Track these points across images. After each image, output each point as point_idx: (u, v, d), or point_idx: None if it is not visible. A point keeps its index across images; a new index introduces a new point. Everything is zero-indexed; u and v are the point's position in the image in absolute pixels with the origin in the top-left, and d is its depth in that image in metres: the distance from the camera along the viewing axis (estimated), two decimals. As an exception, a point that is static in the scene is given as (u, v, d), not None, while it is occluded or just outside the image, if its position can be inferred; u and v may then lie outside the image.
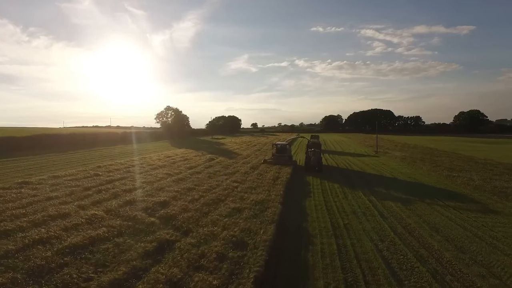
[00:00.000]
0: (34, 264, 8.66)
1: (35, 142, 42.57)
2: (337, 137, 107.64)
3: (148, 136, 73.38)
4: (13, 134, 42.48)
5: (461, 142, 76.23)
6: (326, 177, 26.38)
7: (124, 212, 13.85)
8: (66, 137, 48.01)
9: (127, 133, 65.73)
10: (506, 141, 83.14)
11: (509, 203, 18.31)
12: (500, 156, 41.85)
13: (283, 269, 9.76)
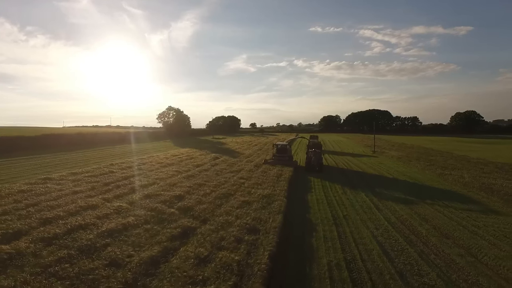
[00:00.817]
0: (82, 244, 10.25)
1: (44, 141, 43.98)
2: (336, 137, 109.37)
3: (150, 135, 74.79)
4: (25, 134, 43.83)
5: (457, 142, 78.04)
6: (326, 175, 28.01)
7: (146, 204, 15.40)
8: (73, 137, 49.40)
9: (130, 133, 67.12)
10: (501, 141, 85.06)
11: (494, 197, 20.01)
12: (493, 156, 43.54)
13: (292, 250, 11.36)
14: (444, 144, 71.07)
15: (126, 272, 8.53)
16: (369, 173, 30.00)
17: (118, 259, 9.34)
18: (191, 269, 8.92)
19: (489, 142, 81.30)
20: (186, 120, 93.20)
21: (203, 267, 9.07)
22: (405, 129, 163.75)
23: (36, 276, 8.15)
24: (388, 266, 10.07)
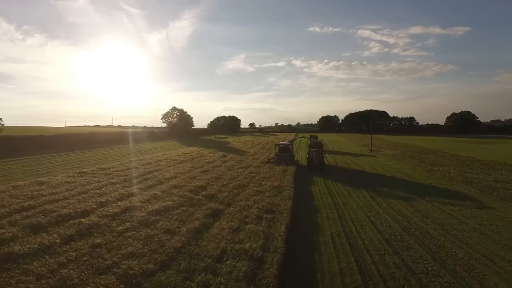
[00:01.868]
0: (139, 219, 13.13)
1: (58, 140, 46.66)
2: (334, 137, 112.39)
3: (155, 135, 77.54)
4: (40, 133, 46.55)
5: (451, 142, 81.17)
6: (326, 172, 30.93)
7: (176, 193, 18.29)
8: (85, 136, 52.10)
9: (137, 132, 69.90)
10: (493, 141, 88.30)
11: (473, 189, 23.01)
12: (482, 154, 46.53)
13: (301, 226, 14.28)
14: (438, 143, 74.15)
15: (180, 237, 11.41)
16: (366, 170, 32.94)
17: (171, 229, 12.22)
18: (228, 235, 11.84)
19: (482, 142, 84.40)
20: (189, 120, 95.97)
21: (237, 234, 11.99)
22: (402, 129, 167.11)
23: (117, 238, 11.04)
24: (377, 236, 13.02)
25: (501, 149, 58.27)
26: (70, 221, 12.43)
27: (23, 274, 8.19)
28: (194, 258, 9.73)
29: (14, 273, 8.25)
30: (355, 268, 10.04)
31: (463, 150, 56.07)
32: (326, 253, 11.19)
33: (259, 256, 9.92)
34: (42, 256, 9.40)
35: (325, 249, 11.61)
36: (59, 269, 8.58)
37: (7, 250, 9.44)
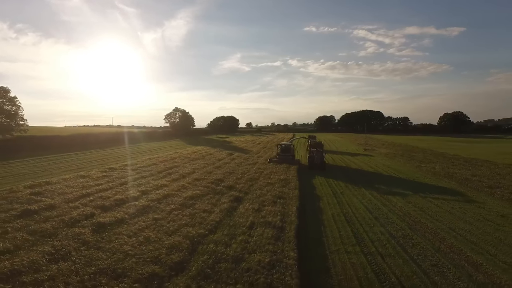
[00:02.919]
0: (179, 203, 16.47)
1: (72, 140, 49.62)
2: (331, 136, 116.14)
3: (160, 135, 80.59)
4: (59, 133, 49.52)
5: (442, 141, 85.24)
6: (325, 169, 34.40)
7: (200, 184, 21.62)
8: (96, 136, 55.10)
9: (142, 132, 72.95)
10: (482, 141, 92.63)
11: (453, 181, 26.61)
12: (468, 153, 50.33)
13: (308, 208, 17.70)
14: (429, 143, 78.11)
15: (216, 214, 14.77)
16: (361, 167, 36.49)
17: (207, 209, 15.59)
18: (252, 213, 15.22)
19: (472, 141, 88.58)
20: (191, 120, 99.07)
21: (259, 212, 15.38)
22: (396, 129, 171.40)
23: (169, 214, 14.38)
24: (368, 215, 16.49)
25: (487, 148, 62.29)
26: (127, 204, 15.78)
27: (117, 234, 11.55)
28: (232, 227, 13.12)
29: (107, 235, 11.59)
30: (351, 234, 13.51)
31: (452, 149, 59.92)
32: (329, 226, 14.65)
33: (280, 226, 13.35)
34: (120, 225, 12.74)
35: (328, 223, 15.08)
36: (138, 232, 11.92)
37: (95, 221, 12.77)
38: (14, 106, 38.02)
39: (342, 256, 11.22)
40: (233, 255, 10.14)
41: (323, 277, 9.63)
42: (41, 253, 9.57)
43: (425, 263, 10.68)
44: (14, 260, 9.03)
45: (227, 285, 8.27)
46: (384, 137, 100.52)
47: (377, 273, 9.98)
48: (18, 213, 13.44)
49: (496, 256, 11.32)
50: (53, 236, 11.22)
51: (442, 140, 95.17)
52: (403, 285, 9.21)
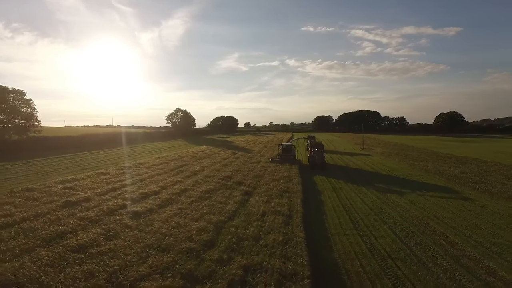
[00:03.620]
0: (197, 196, 18.58)
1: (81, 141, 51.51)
2: (329, 136, 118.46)
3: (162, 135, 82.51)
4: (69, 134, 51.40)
5: (437, 141, 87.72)
6: (324, 165, 36.61)
7: (211, 180, 23.72)
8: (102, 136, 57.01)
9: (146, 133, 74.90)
10: (476, 140, 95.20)
11: (442, 178, 28.88)
12: (461, 152, 52.74)
13: (310, 201, 19.86)
14: (424, 142, 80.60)
15: (231, 205, 16.88)
16: (359, 166, 38.75)
17: (222, 201, 17.71)
18: (263, 204, 17.35)
19: (466, 141, 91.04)
20: (192, 121, 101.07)
21: (268, 203, 17.51)
22: (393, 128, 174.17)
23: (190, 205, 16.49)
24: (364, 206, 18.68)
25: (480, 147, 64.73)
26: (151, 196, 17.89)
27: (151, 220, 13.67)
28: (246, 215, 15.26)
29: (144, 221, 13.69)
30: (349, 221, 15.69)
31: (445, 148, 62.34)
32: (330, 214, 16.84)
33: (288, 214, 15.51)
34: (152, 214, 14.85)
35: (329, 212, 17.27)
36: (169, 219, 14.02)
37: (129, 210, 14.88)
38: (29, 108, 39.95)
39: (342, 237, 13.40)
40: (252, 235, 12.29)
41: (327, 252, 11.80)
42: (96, 234, 11.67)
43: (411, 242, 12.88)
44: (76, 238, 11.13)
45: (251, 255, 10.39)
46: (380, 137, 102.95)
47: (371, 249, 12.16)
48: (61, 203, 15.49)
49: (470, 237, 13.54)
50: (98, 221, 13.31)
51: (437, 139, 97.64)
52: (391, 257, 11.39)
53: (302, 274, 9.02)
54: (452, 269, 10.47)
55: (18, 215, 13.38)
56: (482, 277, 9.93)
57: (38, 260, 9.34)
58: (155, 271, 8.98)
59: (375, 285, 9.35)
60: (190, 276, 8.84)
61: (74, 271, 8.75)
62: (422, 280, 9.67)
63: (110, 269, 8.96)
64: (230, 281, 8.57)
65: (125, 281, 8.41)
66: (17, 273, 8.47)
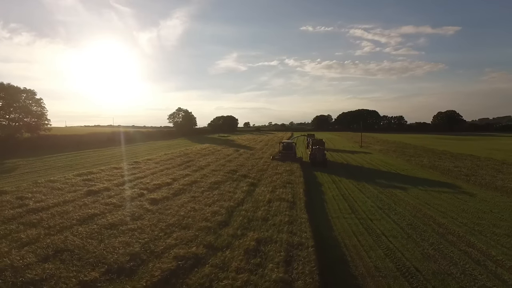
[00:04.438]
0: (206, 186, 20.06)
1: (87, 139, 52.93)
2: (328, 135, 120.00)
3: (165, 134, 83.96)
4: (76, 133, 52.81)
5: (434, 139, 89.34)
6: (324, 161, 38.11)
7: (218, 174, 25.18)
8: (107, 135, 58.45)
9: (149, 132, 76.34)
10: (473, 138, 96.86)
11: (436, 172, 30.44)
12: (457, 149, 54.30)
13: (312, 191, 21.35)
14: (422, 140, 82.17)
15: (239, 194, 18.36)
16: (355, 161, 40.30)
17: (230, 191, 19.18)
18: (268, 193, 18.84)
19: (463, 139, 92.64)
20: (193, 120, 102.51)
21: (273, 193, 19.00)
22: (391, 127, 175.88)
23: (201, 194, 17.97)
24: (362, 195, 20.19)
25: (476, 145, 66.28)
26: (165, 187, 19.37)
27: (169, 206, 15.16)
28: (254, 202, 16.74)
29: (162, 206, 15.17)
30: (348, 207, 17.21)
31: (442, 145, 63.89)
32: (330, 202, 18.36)
33: (292, 200, 17.01)
34: (168, 200, 16.32)
35: (329, 200, 18.78)
36: (185, 204, 15.49)
37: (148, 198, 16.36)
38: (39, 107, 41.38)
39: (341, 220, 14.91)
40: (261, 217, 13.79)
41: (328, 231, 13.30)
42: (122, 215, 13.15)
43: (403, 223, 14.39)
44: (106, 218, 12.62)
45: (262, 231, 11.88)
46: (379, 135, 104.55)
47: (367, 229, 13.66)
48: (84, 192, 16.96)
49: (456, 219, 15.06)
50: (121, 206, 14.78)
51: (435, 138, 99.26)
52: (385, 234, 12.89)
53: (307, 244, 10.51)
54: (437, 242, 11.98)
55: (49, 201, 14.85)
56: (462, 248, 11.45)
57: (78, 234, 10.82)
58: (180, 242, 10.46)
59: (370, 254, 10.84)
60: (211, 246, 10.32)
61: (111, 242, 10.22)
62: (410, 251, 11.17)
63: (142, 241, 10.44)
64: (246, 249, 10.04)
65: (156, 249, 9.89)
66: (65, 242, 9.95)
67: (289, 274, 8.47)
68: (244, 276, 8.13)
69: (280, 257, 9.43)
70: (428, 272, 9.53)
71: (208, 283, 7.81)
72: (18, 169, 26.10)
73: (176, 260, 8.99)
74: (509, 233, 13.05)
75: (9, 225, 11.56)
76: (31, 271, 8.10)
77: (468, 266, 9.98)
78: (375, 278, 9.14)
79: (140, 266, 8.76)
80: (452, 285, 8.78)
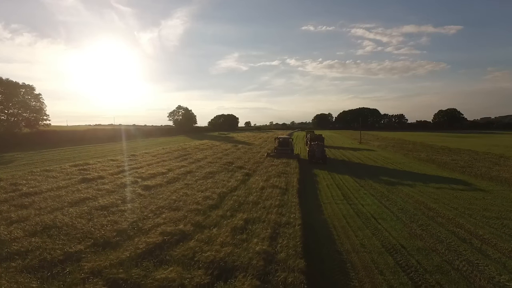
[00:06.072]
0: (201, 175, 20.15)
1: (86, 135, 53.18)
2: (329, 133, 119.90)
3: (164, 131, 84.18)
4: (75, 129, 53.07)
5: (434, 136, 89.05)
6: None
7: (214, 165, 25.28)
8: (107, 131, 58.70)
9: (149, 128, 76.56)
10: (473, 136, 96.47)
11: (434, 165, 30.42)
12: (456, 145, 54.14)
13: (307, 181, 21.41)
14: (422, 137, 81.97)
15: (233, 182, 18.43)
16: (353, 155, 40.31)
17: (224, 179, 19.26)
18: (262, 182, 18.89)
19: (464, 136, 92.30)
20: (193, 118, 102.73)
21: (267, 181, 19.05)
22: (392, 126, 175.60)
23: (195, 182, 18.06)
24: (356, 185, 20.23)
25: (476, 142, 66.13)
26: (159, 176, 19.47)
27: (162, 191, 15.26)
28: (247, 189, 16.82)
29: (155, 192, 15.27)
30: (341, 195, 17.26)
31: (441, 142, 63.78)
32: (323, 190, 18.42)
33: (285, 187, 17.08)
34: (161, 187, 16.42)
35: (322, 189, 18.84)
36: (177, 190, 15.59)
37: (141, 184, 16.46)
38: (38, 102, 41.61)
39: (332, 205, 14.98)
40: (252, 201, 13.87)
41: (318, 214, 13.37)
42: (114, 199, 13.27)
43: (394, 208, 14.44)
44: (98, 201, 12.73)
45: (251, 213, 11.96)
46: (379, 133, 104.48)
47: (357, 212, 13.72)
48: (79, 180, 17.11)
49: (448, 205, 15.08)
50: (114, 192, 14.89)
51: (435, 135, 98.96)
52: (374, 217, 12.95)
53: (294, 223, 10.59)
54: (426, 224, 12.03)
55: (43, 187, 15.00)
56: (450, 228, 11.49)
57: (68, 214, 10.94)
58: (169, 221, 10.56)
59: (357, 234, 10.91)
60: (199, 225, 10.42)
61: (100, 221, 10.33)
62: (398, 231, 11.23)
63: (131, 220, 10.54)
64: (233, 227, 10.12)
65: (144, 226, 9.99)
66: (54, 220, 10.06)
67: (272, 247, 8.54)
68: (228, 249, 8.21)
69: (266, 234, 9.51)
70: (413, 248, 9.58)
71: (191, 255, 7.90)
72: (15, 161, 26.30)
73: (162, 236, 9.09)
74: (499, 216, 13.07)
75: (0, 207, 11.68)
76: (17, 244, 8.21)
77: (454, 243, 10.03)
78: (360, 253, 9.20)
79: (126, 241, 8.86)
80: (435, 259, 8.83)
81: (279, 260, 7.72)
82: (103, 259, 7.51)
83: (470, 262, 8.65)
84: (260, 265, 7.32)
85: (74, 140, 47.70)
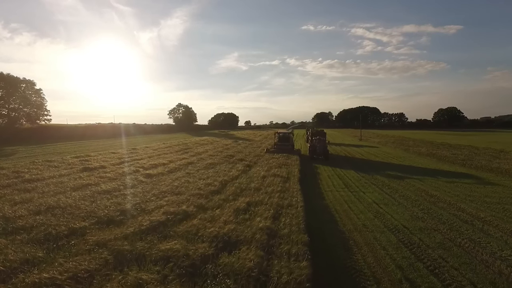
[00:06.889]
0: (202, 166, 20.20)
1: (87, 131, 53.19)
2: (329, 131, 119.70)
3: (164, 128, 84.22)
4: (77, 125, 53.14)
5: (434, 134, 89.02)
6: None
7: (215, 158, 25.31)
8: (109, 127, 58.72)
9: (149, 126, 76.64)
10: (473, 134, 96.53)
11: (433, 159, 30.47)
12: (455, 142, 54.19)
13: (307, 172, 21.46)
14: (421, 135, 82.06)
15: (234, 172, 18.47)
16: (354, 150, 40.38)
17: (226, 169, 19.30)
18: (263, 171, 18.92)
19: (463, 134, 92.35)
20: (193, 116, 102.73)
21: (268, 171, 19.09)
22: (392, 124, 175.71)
23: (197, 171, 18.10)
24: (357, 175, 20.27)
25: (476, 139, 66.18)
26: (160, 166, 19.51)
27: (164, 179, 15.30)
28: (249, 178, 16.84)
29: (157, 179, 15.31)
30: (342, 183, 17.31)
31: (441, 139, 63.84)
32: (325, 180, 18.47)
33: (286, 176, 17.12)
34: (163, 176, 16.47)
35: (324, 179, 18.89)
36: (179, 178, 15.63)
37: (143, 173, 16.50)
38: (39, 97, 41.63)
39: (334, 192, 15.03)
40: (254, 187, 13.91)
41: (319, 200, 13.43)
42: (117, 185, 13.32)
43: (396, 195, 14.49)
44: (100, 187, 12.78)
45: (253, 197, 12.00)
46: (379, 131, 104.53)
47: (358, 198, 13.77)
48: (81, 169, 17.17)
49: (449, 192, 15.13)
50: (116, 179, 14.95)
51: (435, 133, 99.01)
52: (376, 203, 12.99)
53: (297, 205, 10.65)
54: (427, 208, 12.08)
55: (45, 174, 15.08)
56: (452, 212, 11.54)
57: (71, 197, 10.98)
58: (172, 203, 10.60)
59: (359, 216, 10.96)
60: (202, 207, 10.47)
61: (103, 202, 10.38)
62: (400, 214, 11.28)
63: (134, 202, 10.59)
64: (236, 209, 10.16)
65: (147, 208, 10.03)
66: (58, 202, 10.11)
67: (276, 225, 8.59)
68: (231, 226, 8.25)
69: (268, 214, 9.55)
70: (415, 228, 9.64)
71: (195, 231, 7.94)
72: (17, 154, 26.36)
73: (165, 215, 9.14)
74: (500, 202, 13.13)
75: (3, 191, 11.74)
76: (22, 220, 8.25)
77: (456, 224, 10.08)
78: (362, 232, 9.26)
79: (129, 219, 8.90)
80: (437, 237, 8.88)
81: (282, 235, 7.78)
82: (108, 233, 7.56)
83: (472, 240, 8.70)
84: (264, 239, 7.37)
85: (75, 136, 47.71)
